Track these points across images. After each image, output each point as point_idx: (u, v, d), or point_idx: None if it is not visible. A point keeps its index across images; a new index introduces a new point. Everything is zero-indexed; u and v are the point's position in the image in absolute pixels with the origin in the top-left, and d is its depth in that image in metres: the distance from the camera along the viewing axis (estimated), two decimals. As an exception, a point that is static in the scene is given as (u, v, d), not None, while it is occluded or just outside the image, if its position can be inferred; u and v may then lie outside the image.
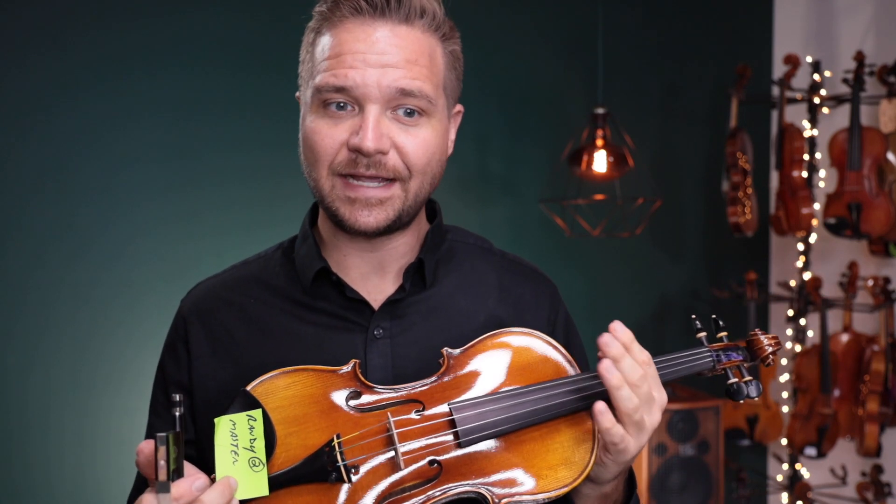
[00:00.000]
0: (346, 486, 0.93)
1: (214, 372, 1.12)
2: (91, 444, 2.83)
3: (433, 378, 1.03)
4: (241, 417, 0.93)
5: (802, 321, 3.51)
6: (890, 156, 3.25)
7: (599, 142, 3.15)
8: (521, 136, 3.52)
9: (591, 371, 1.03)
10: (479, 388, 1.02)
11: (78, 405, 2.82)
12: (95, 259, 2.85)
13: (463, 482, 0.96)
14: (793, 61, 3.42)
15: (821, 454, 3.37)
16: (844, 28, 3.69)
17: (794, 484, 3.48)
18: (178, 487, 0.85)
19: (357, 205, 1.05)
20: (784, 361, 3.59)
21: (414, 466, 0.96)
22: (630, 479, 1.13)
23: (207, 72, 2.96)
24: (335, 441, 0.94)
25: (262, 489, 0.90)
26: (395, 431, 0.96)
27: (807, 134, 3.45)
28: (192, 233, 2.95)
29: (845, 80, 3.30)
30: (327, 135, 1.05)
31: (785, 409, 3.56)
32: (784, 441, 3.50)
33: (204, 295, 1.19)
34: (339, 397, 0.99)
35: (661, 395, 1.02)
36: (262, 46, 3.03)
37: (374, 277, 1.14)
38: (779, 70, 3.80)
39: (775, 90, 3.51)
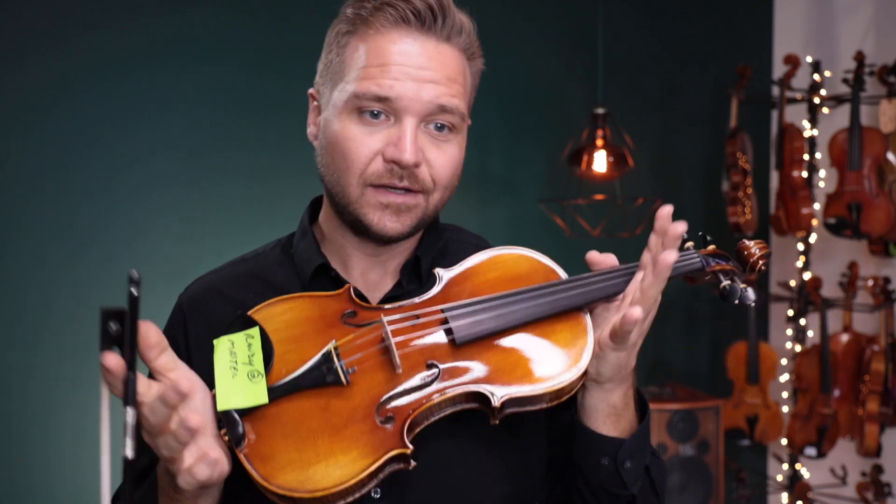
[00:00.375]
0: (344, 390, 0.95)
1: (207, 364, 1.12)
2: (91, 444, 2.83)
3: (426, 295, 1.05)
4: (238, 336, 0.95)
5: (802, 321, 3.51)
6: (890, 156, 3.25)
7: (599, 142, 3.16)
8: (521, 136, 3.52)
9: (582, 275, 1.06)
10: (470, 296, 1.04)
11: (78, 405, 2.82)
12: (95, 259, 2.85)
13: (463, 383, 0.97)
14: (793, 61, 3.42)
15: (821, 454, 3.37)
16: (844, 28, 3.69)
17: (794, 484, 3.48)
18: (109, 358, 0.81)
19: (388, 211, 1.06)
20: (784, 361, 3.58)
21: (410, 368, 0.97)
22: (641, 402, 1.12)
23: (207, 72, 2.96)
24: (332, 346, 0.96)
25: (262, 397, 0.91)
26: (389, 329, 0.98)
27: (807, 134, 3.45)
28: (192, 233, 2.95)
29: (845, 80, 3.30)
30: (362, 143, 1.04)
31: (785, 409, 3.55)
32: (784, 441, 3.50)
33: (202, 289, 1.19)
34: (336, 316, 1.01)
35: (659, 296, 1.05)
36: (262, 47, 3.03)
37: (372, 275, 1.15)
38: (779, 70, 3.80)
39: (775, 90, 3.51)
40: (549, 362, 1.00)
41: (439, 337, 1.00)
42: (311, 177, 1.14)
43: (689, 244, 1.13)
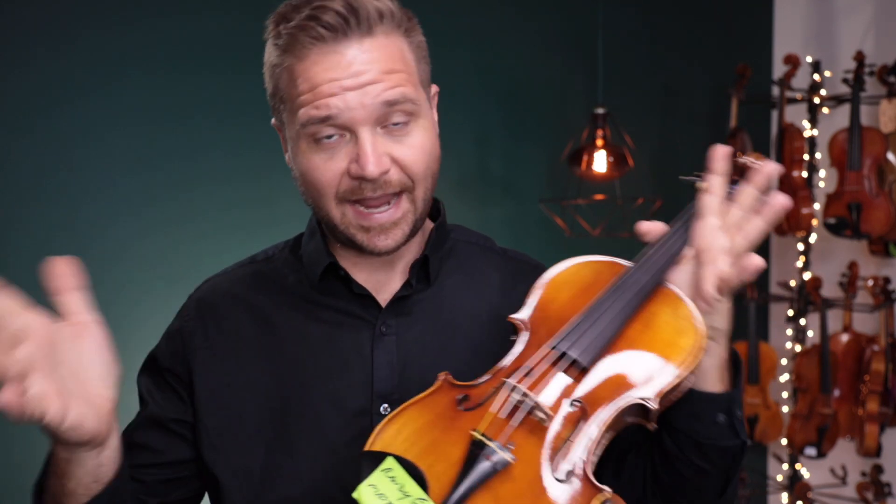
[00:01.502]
0: (513, 469, 0.89)
1: (219, 364, 1.13)
2: (91, 444, 2.84)
3: (517, 345, 1.00)
4: (377, 476, 0.87)
5: (802, 321, 3.51)
6: (890, 156, 3.25)
7: (599, 142, 3.15)
8: (521, 136, 3.52)
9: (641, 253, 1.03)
10: (563, 324, 0.99)
11: (78, 405, 2.82)
12: (95, 259, 2.84)
13: (611, 402, 0.93)
14: (793, 61, 3.42)
15: (821, 454, 3.37)
16: (844, 28, 3.69)
17: (794, 484, 3.48)
18: None
19: (372, 232, 1.05)
20: (784, 361, 3.58)
21: (560, 416, 0.93)
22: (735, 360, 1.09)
23: (207, 72, 2.96)
24: (476, 435, 0.90)
25: None
26: (522, 388, 0.92)
27: (807, 134, 3.45)
28: (193, 233, 2.95)
29: (845, 80, 3.30)
30: (326, 169, 1.03)
31: (785, 409, 3.55)
32: (784, 441, 3.50)
33: (211, 291, 1.19)
34: (451, 408, 0.95)
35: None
36: (261, 47, 3.03)
37: (379, 274, 1.14)
38: (779, 70, 3.80)
39: (775, 90, 3.51)
40: (672, 342, 0.96)
41: (562, 373, 0.95)
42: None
43: (700, 184, 1.10)
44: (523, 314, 1.02)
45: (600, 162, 3.14)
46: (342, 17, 0.99)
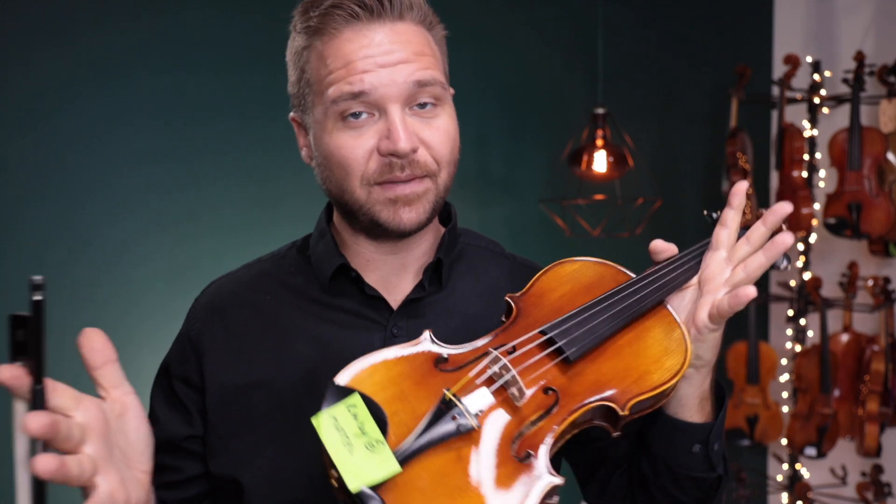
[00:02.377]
0: (474, 435, 0.89)
1: (228, 368, 1.12)
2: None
3: (509, 321, 1.01)
4: (340, 408, 0.87)
5: (802, 321, 3.51)
6: (890, 156, 3.25)
7: (599, 142, 3.15)
8: (521, 136, 3.52)
9: (650, 269, 1.05)
10: (559, 314, 1.01)
11: (78, 405, 2.82)
12: (95, 259, 2.85)
13: (584, 399, 0.94)
14: (793, 61, 3.42)
15: (821, 454, 3.37)
16: (844, 28, 3.69)
17: (794, 484, 3.48)
18: (2, 370, 0.73)
19: (399, 204, 1.05)
20: (784, 361, 3.58)
21: (533, 399, 0.93)
22: (720, 392, 1.11)
23: (208, 72, 2.96)
24: (448, 394, 0.90)
25: (392, 466, 0.84)
26: (505, 360, 0.93)
27: (807, 134, 3.45)
28: (193, 233, 2.95)
29: (845, 80, 3.30)
30: (354, 146, 1.03)
31: (785, 409, 3.55)
32: (784, 441, 3.50)
33: (219, 292, 1.18)
34: (428, 364, 0.96)
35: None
36: (262, 47, 3.02)
37: (391, 276, 1.14)
38: (779, 70, 3.80)
39: (775, 90, 3.51)
40: (658, 359, 0.98)
41: (546, 359, 0.96)
42: (311, 177, 1.14)
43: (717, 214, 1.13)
44: (519, 294, 1.04)
45: (600, 162, 3.14)
46: None
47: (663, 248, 1.07)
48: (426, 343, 0.98)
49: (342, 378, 0.91)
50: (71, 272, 2.82)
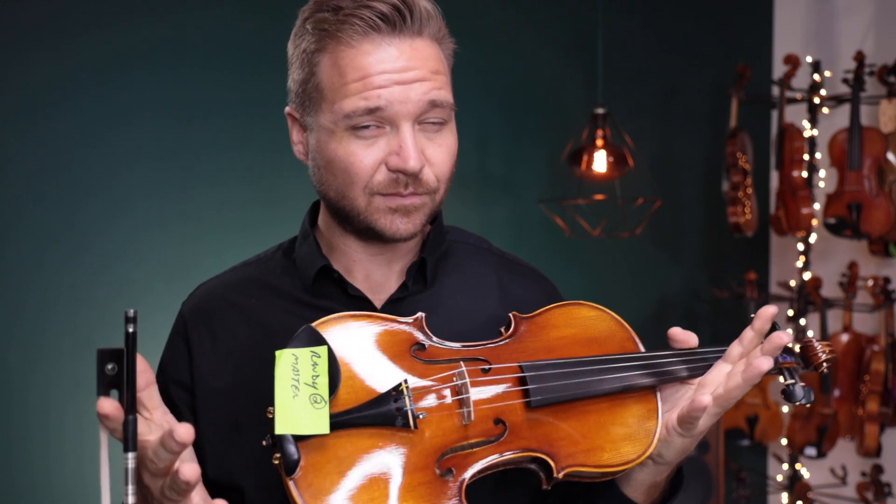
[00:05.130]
0: (409, 434, 0.90)
1: (216, 371, 1.12)
2: (91, 444, 2.83)
3: (501, 339, 1.02)
4: (304, 352, 0.89)
5: (802, 321, 3.50)
6: (890, 156, 3.25)
7: (599, 142, 3.15)
8: (521, 136, 3.52)
9: (660, 350, 1.04)
10: (548, 354, 1.01)
11: (78, 405, 2.82)
12: (95, 259, 2.85)
13: (526, 446, 0.94)
14: (793, 61, 3.41)
15: (821, 454, 3.37)
16: (844, 28, 3.69)
17: (794, 484, 3.48)
18: (105, 404, 0.78)
19: (397, 214, 1.05)
20: (784, 361, 3.58)
21: (479, 422, 0.94)
22: (678, 476, 1.12)
23: (207, 72, 2.96)
24: (403, 385, 0.91)
25: (323, 427, 0.85)
26: (468, 380, 0.94)
27: (807, 134, 3.45)
28: (192, 233, 2.95)
29: (845, 80, 3.30)
30: (364, 156, 1.03)
31: (785, 409, 3.55)
32: (784, 441, 3.50)
33: (205, 296, 1.19)
34: (406, 345, 0.97)
35: None
36: (261, 46, 3.02)
37: (375, 276, 1.14)
38: (779, 70, 3.80)
39: (775, 90, 3.51)
40: (617, 441, 0.98)
41: (514, 393, 0.96)
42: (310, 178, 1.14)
43: None
44: (525, 317, 1.04)
45: (600, 162, 3.14)
46: (398, 11, 1.01)
47: (682, 338, 1.06)
48: (414, 323, 0.99)
49: (319, 322, 0.93)
50: (71, 272, 2.82)
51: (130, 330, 0.78)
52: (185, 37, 2.93)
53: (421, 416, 0.91)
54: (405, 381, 0.92)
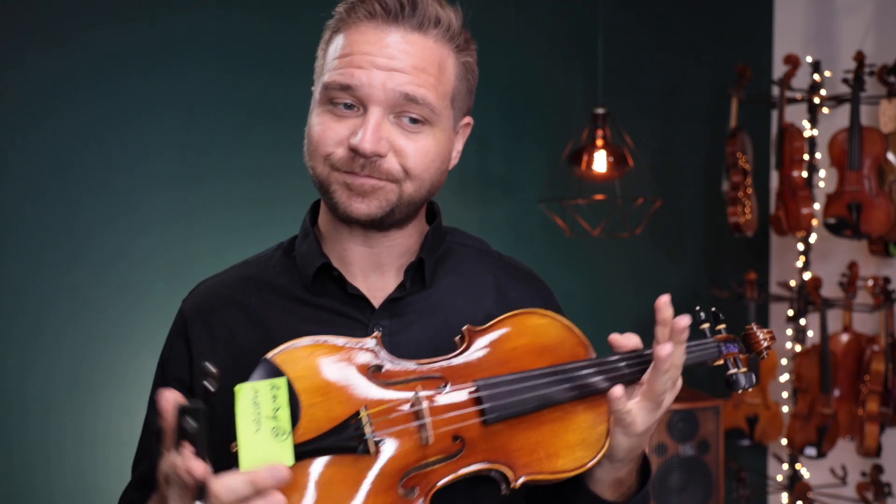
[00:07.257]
0: (371, 459, 0.93)
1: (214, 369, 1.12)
2: (91, 444, 2.83)
3: (455, 355, 1.04)
4: (263, 385, 0.90)
5: (802, 321, 3.50)
6: (890, 156, 3.25)
7: (599, 142, 3.15)
8: (521, 136, 3.52)
9: (608, 355, 1.06)
10: (502, 367, 1.03)
11: (78, 405, 2.82)
12: (95, 259, 2.85)
13: (484, 459, 0.98)
14: (793, 61, 3.41)
15: (821, 454, 3.37)
16: (844, 28, 3.69)
17: (794, 484, 3.48)
18: (197, 466, 0.83)
19: (353, 193, 1.06)
20: (784, 361, 3.58)
21: (438, 444, 0.97)
22: (645, 468, 1.14)
23: (208, 71, 2.96)
24: (363, 413, 0.94)
25: (287, 458, 0.87)
26: (424, 406, 0.96)
27: (807, 134, 3.45)
28: (192, 233, 2.95)
29: (845, 80, 3.30)
30: (329, 128, 1.06)
31: (785, 409, 3.55)
32: (784, 441, 3.50)
33: (205, 294, 1.19)
34: (363, 369, 0.98)
35: (680, 380, 1.07)
36: (262, 46, 3.03)
37: (373, 276, 1.15)
38: (779, 70, 3.80)
39: (775, 90, 3.51)
40: (571, 447, 1.01)
41: (470, 414, 0.99)
42: (311, 177, 1.14)
43: (705, 326, 1.15)
44: (477, 333, 1.06)
45: (600, 162, 3.14)
46: (400, 3, 1.05)
47: (621, 342, 1.08)
48: (370, 346, 1.00)
49: (275, 354, 0.95)
50: (71, 272, 2.83)
51: (210, 388, 0.84)
52: (185, 37, 2.94)
53: (381, 443, 0.94)
54: (364, 408, 0.94)
